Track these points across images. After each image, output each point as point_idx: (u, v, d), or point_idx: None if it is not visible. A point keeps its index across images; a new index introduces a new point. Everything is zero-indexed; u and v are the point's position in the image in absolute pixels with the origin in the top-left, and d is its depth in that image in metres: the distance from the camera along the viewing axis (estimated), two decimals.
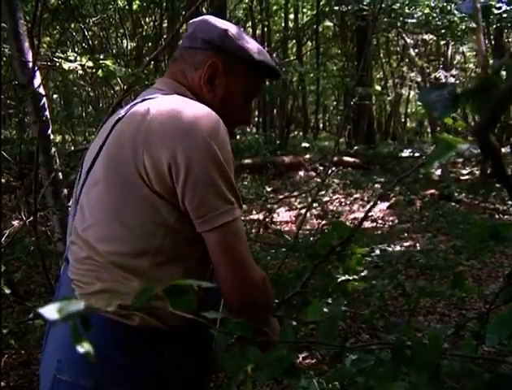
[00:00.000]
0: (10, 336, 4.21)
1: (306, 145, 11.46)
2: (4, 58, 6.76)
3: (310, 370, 3.56)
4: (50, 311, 0.56)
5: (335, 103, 19.52)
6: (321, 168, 8.80)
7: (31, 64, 3.45)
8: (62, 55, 3.47)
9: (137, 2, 9.63)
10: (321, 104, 17.34)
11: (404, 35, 11.89)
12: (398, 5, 7.51)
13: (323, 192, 8.67)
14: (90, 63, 3.41)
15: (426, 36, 9.56)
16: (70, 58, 3.44)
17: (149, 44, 10.36)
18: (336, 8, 8.59)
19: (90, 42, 7.75)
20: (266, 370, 0.79)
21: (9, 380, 3.77)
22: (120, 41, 10.59)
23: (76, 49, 7.97)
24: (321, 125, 20.56)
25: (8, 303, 4.71)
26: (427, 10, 8.32)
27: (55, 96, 12.61)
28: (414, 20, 8.44)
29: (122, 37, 10.44)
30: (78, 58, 3.42)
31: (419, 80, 11.70)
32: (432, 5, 8.34)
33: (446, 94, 0.80)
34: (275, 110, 14.82)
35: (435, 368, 0.81)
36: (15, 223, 6.89)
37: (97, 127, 4.57)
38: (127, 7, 8.84)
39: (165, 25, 10.40)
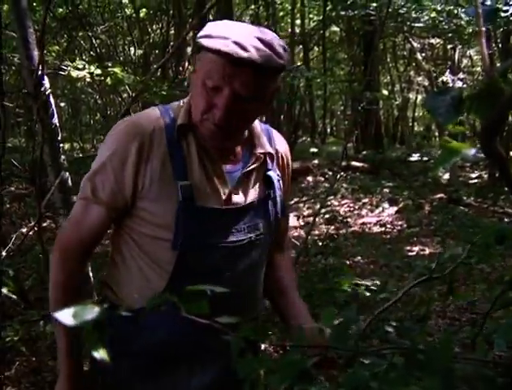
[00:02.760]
0: (21, 343, 4.22)
1: (315, 150, 11.46)
2: (13, 67, 6.81)
3: (320, 376, 3.55)
4: (66, 316, 0.56)
5: (342, 108, 19.53)
6: (330, 173, 8.78)
7: (40, 72, 3.48)
8: (70, 63, 3.49)
9: (144, 9, 9.69)
10: (328, 109, 17.34)
11: (411, 39, 11.90)
12: (405, 9, 7.50)
13: (331, 198, 8.66)
14: (99, 71, 3.44)
15: (433, 40, 9.54)
16: (78, 66, 3.47)
17: (157, 51, 10.40)
18: (343, 13, 8.58)
19: (98, 50, 7.78)
20: (279, 374, 0.79)
21: (20, 387, 3.77)
22: (128, 49, 10.64)
23: (84, 57, 8.01)
24: (328, 130, 20.55)
25: (19, 310, 4.73)
26: (433, 14, 8.32)
27: (63, 104, 12.68)
28: (421, 24, 8.42)
29: (129, 45, 10.49)
30: (86, 66, 3.44)
31: (427, 84, 11.69)
32: (439, 8, 8.33)
33: (450, 99, 0.80)
34: (281, 116, 14.83)
35: (447, 372, 0.81)
36: (24, 230, 6.93)
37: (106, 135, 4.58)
38: (134, 15, 8.88)
39: (172, 32, 10.43)
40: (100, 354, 0.60)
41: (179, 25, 10.10)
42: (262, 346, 1.84)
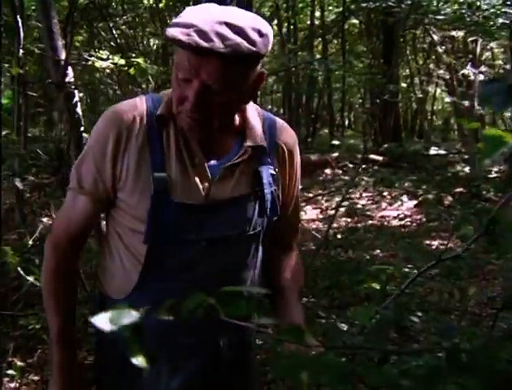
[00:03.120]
0: (43, 331, 4.26)
1: (336, 142, 11.41)
2: (32, 57, 6.83)
3: None
4: (103, 321, 0.55)
5: (360, 101, 19.40)
6: (350, 166, 8.73)
7: (64, 63, 3.50)
8: (94, 53, 3.50)
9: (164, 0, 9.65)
10: (346, 102, 17.25)
11: (431, 32, 11.77)
12: (426, 2, 7.42)
13: (350, 190, 8.62)
14: (122, 61, 3.44)
15: (454, 33, 9.44)
16: (102, 56, 3.48)
17: None
18: (364, 5, 8.50)
19: (118, 41, 7.78)
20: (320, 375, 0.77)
21: (42, 375, 3.81)
22: (147, 40, 10.63)
23: (103, 48, 8.00)
24: (346, 123, 20.45)
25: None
26: (456, 6, 8.22)
27: (81, 94, 12.71)
28: (443, 17, 8.32)
29: (148, 36, 10.47)
30: (110, 57, 3.45)
31: (447, 77, 11.58)
32: (461, 0, 8.24)
33: (506, 87, 0.78)
34: (300, 109, 14.78)
35: (493, 373, 0.79)
36: (45, 219, 6.97)
37: None
38: (154, 5, 8.85)
39: None
40: (139, 361, 0.59)
41: None
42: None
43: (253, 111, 1.55)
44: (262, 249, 1.64)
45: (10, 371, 3.49)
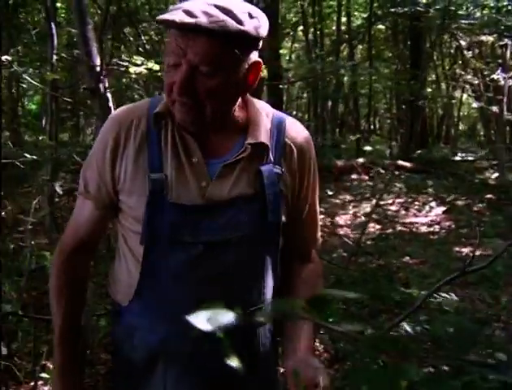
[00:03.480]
0: None
1: (369, 148, 11.35)
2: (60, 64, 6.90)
3: None
4: (200, 320, 0.54)
5: (385, 106, 19.29)
6: (382, 171, 8.65)
7: (99, 68, 3.51)
8: (128, 59, 3.52)
9: None
10: (372, 107, 17.15)
11: (458, 36, 11.67)
12: (455, 7, 7.36)
13: (377, 196, 8.56)
14: (157, 67, 3.45)
15: (484, 38, 9.34)
16: (137, 62, 3.49)
17: None
18: (393, 10, 8.46)
19: (146, 46, 7.83)
20: None
21: None
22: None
23: (131, 54, 8.06)
24: (371, 128, 20.34)
25: None
26: (486, 11, 8.14)
27: None
28: (473, 21, 8.25)
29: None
30: (144, 62, 3.46)
31: (476, 82, 11.46)
32: (492, 5, 8.15)
33: None
34: (325, 114, 14.74)
35: None
36: None
37: None
38: None
39: None
40: (232, 362, 0.58)
41: None
42: None
43: (259, 109, 1.50)
44: (278, 260, 1.56)
45: (43, 374, 3.51)
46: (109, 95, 3.58)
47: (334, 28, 15.07)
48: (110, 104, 3.61)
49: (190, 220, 1.42)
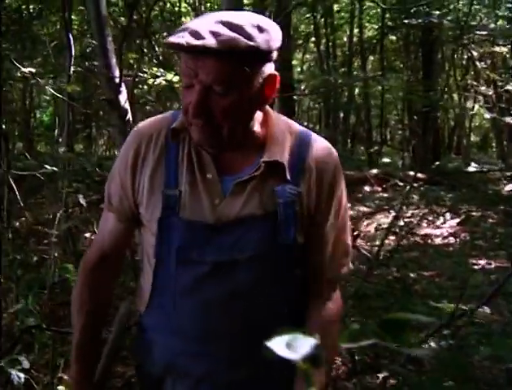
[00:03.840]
0: None
1: (387, 160, 11.29)
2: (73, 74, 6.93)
3: None
4: (278, 345, 0.51)
5: (396, 117, 19.26)
6: (399, 183, 8.59)
7: (117, 80, 3.52)
8: (147, 71, 3.53)
9: None
10: (383, 118, 17.14)
11: (470, 47, 11.66)
12: (469, 18, 7.36)
13: (397, 208, 8.50)
14: (176, 78, 3.45)
15: (498, 49, 9.32)
16: (156, 73, 3.49)
17: None
18: (406, 21, 8.45)
19: (160, 58, 7.86)
20: None
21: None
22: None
23: (145, 65, 8.10)
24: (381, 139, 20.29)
25: None
26: (500, 22, 8.13)
27: None
28: (486, 32, 8.24)
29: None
30: (163, 74, 3.47)
31: (491, 93, 11.43)
32: (505, 14, 8.13)
33: None
34: (337, 126, 14.73)
35: None
36: (88, 235, 7.02)
37: None
38: None
39: None
40: None
41: None
42: None
43: (281, 125, 1.45)
44: (295, 285, 1.49)
45: (60, 387, 3.49)
46: (127, 106, 3.59)
47: (345, 39, 15.10)
48: (129, 115, 3.62)
49: (199, 238, 1.40)
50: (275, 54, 1.33)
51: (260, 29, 1.26)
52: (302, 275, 1.49)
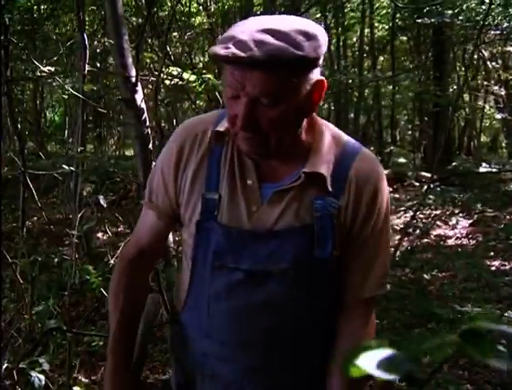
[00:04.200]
0: (104, 348, 4.24)
1: (402, 160, 11.25)
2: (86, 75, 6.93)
3: None
4: (366, 363, 0.47)
5: (406, 118, 19.20)
6: (416, 184, 8.54)
7: (134, 79, 3.50)
8: (164, 70, 3.50)
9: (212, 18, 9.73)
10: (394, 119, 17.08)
11: (481, 47, 11.59)
12: (484, 17, 7.29)
13: (414, 209, 8.44)
14: (192, 77, 3.42)
15: (510, 48, 9.25)
16: (173, 72, 3.47)
17: None
18: (419, 21, 8.40)
19: (172, 58, 7.85)
20: None
21: None
22: (193, 56, 10.72)
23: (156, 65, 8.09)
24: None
25: (101, 315, 4.76)
26: None
27: None
28: (498, 32, 8.18)
29: (195, 52, 10.58)
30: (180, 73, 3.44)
31: (502, 93, 11.36)
32: None
33: None
34: (347, 127, 14.67)
35: None
36: (100, 235, 7.03)
37: None
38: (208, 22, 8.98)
39: None
40: None
41: None
42: None
43: (327, 135, 1.40)
44: (332, 299, 1.45)
45: (75, 388, 3.47)
46: (144, 106, 3.57)
47: (355, 39, 15.05)
48: (145, 115, 3.59)
49: (235, 245, 1.38)
50: (322, 59, 1.28)
51: (307, 36, 1.21)
52: (336, 292, 1.46)
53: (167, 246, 3.45)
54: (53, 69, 3.16)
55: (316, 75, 1.28)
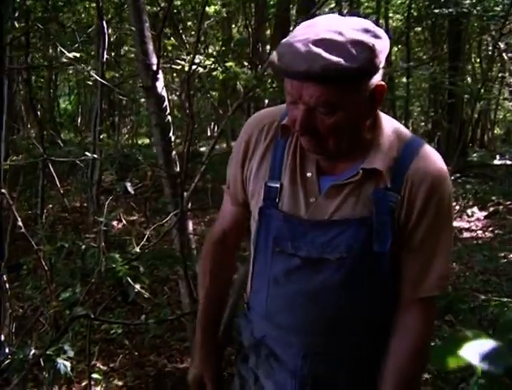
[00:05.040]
0: (122, 336, 4.26)
1: None
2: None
3: None
4: (469, 352, 0.45)
5: (419, 109, 19.06)
6: None
7: (155, 67, 3.48)
8: (185, 58, 3.48)
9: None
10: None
11: (497, 38, 11.46)
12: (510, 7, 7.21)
13: None
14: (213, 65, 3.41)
15: None
16: (195, 60, 3.44)
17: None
18: (437, 11, 8.31)
19: (187, 46, 7.82)
20: None
21: (126, 381, 3.79)
22: (206, 46, 10.68)
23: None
24: None
25: (117, 303, 4.77)
26: None
27: (142, 100, 12.84)
28: None
29: (208, 42, 10.53)
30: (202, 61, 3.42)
31: None
32: None
33: None
34: None
35: None
36: (115, 223, 7.02)
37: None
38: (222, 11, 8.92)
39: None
40: None
41: (259, 23, 10.07)
42: None
43: (389, 131, 1.41)
44: (389, 294, 1.46)
45: (94, 375, 3.48)
46: (164, 93, 3.55)
47: None
48: (166, 103, 3.58)
49: (294, 232, 1.43)
50: (382, 64, 1.28)
51: (362, 47, 1.21)
52: (392, 286, 1.46)
53: (188, 234, 3.45)
54: (78, 55, 3.12)
55: (376, 79, 1.29)
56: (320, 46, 1.20)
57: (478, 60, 15.46)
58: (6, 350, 2.79)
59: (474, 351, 0.45)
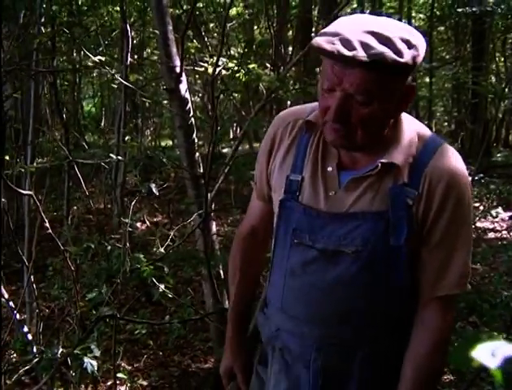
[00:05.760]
0: (146, 337, 4.29)
1: None
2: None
3: None
4: (483, 354, 0.46)
5: (442, 109, 18.92)
6: None
7: (178, 69, 3.51)
8: (208, 60, 3.51)
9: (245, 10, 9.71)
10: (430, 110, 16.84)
11: None
12: None
13: None
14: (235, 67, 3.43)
15: None
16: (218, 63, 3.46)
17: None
18: (460, 10, 8.24)
19: (209, 48, 7.86)
20: None
21: (150, 381, 3.83)
22: (233, 47, 10.71)
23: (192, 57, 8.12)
24: None
25: (141, 304, 4.82)
26: None
27: (165, 101, 12.90)
28: None
29: (230, 44, 10.56)
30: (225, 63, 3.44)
31: None
32: None
33: None
34: None
35: None
36: (138, 224, 7.09)
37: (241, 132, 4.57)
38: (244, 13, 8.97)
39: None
40: None
41: (281, 25, 10.09)
42: None
43: (410, 130, 1.45)
44: (406, 290, 1.46)
45: (119, 375, 3.51)
46: (188, 96, 3.58)
47: None
48: (189, 105, 3.61)
49: (312, 224, 1.47)
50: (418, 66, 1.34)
51: (409, 44, 1.28)
52: (410, 282, 1.47)
53: (211, 235, 3.47)
54: (103, 59, 3.17)
55: (409, 81, 1.37)
56: (370, 36, 1.26)
57: (502, 59, 15.25)
58: (34, 349, 2.83)
59: (486, 352, 0.46)
